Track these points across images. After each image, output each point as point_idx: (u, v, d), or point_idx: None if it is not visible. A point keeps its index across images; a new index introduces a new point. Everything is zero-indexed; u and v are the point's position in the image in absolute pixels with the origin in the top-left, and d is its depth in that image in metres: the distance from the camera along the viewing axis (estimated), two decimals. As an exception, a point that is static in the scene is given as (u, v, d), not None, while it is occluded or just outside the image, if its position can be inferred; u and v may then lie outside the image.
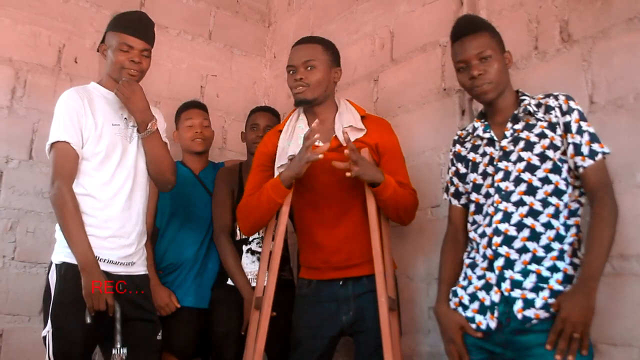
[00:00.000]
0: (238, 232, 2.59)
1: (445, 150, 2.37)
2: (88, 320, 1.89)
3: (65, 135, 2.02)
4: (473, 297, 1.75)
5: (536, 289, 1.63)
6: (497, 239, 1.71)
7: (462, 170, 1.91)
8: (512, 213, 1.70)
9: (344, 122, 2.12)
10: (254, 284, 2.47)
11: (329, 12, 3.17)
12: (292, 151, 2.09)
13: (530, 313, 1.62)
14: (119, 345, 1.91)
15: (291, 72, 2.14)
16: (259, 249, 2.56)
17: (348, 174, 1.95)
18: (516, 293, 1.64)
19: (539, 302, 1.61)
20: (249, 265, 2.54)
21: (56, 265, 1.99)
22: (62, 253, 1.99)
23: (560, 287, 1.61)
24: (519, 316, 1.62)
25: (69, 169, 2.01)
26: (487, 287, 1.72)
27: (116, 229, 2.06)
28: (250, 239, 2.57)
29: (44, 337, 1.95)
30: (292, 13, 3.49)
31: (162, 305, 2.47)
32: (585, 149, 1.66)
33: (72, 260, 1.95)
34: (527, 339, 1.62)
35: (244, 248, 2.57)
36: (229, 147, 3.30)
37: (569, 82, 1.99)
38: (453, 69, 2.39)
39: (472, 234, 1.82)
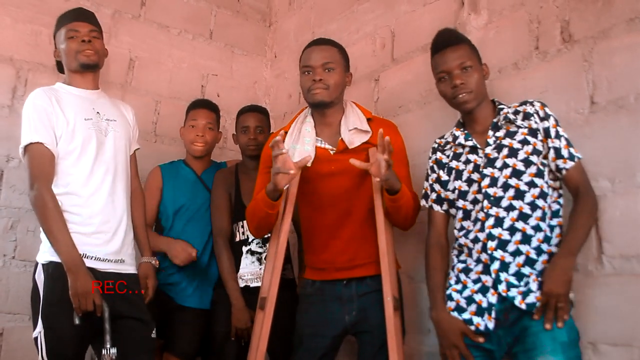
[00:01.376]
0: (238, 233, 2.59)
1: (446, 150, 2.37)
2: (77, 321, 1.88)
3: (37, 136, 2.01)
4: (470, 300, 1.80)
5: (523, 277, 1.72)
6: (491, 244, 1.77)
7: (444, 177, 1.96)
8: (504, 218, 1.77)
9: (349, 125, 2.11)
10: (254, 284, 2.48)
11: (330, 12, 3.17)
12: (299, 156, 2.07)
13: (531, 299, 1.69)
14: (108, 346, 1.90)
15: (307, 72, 2.11)
16: (259, 250, 2.56)
17: (377, 179, 1.92)
18: (513, 292, 1.71)
19: (534, 286, 1.70)
20: (249, 265, 2.54)
21: (43, 264, 1.98)
22: (47, 252, 1.98)
23: None
24: (523, 307, 1.69)
25: (46, 169, 2.00)
26: (483, 290, 1.78)
27: (100, 224, 2.05)
28: (250, 239, 2.58)
29: (35, 338, 1.93)
30: (293, 13, 3.49)
31: (176, 255, 2.45)
32: (565, 152, 1.76)
33: (58, 259, 1.93)
34: (523, 322, 1.70)
35: (244, 249, 2.57)
36: (230, 146, 3.30)
37: (569, 82, 1.99)
38: (454, 68, 2.41)
39: (462, 240, 1.86)
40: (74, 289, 1.88)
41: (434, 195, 2.00)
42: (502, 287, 1.73)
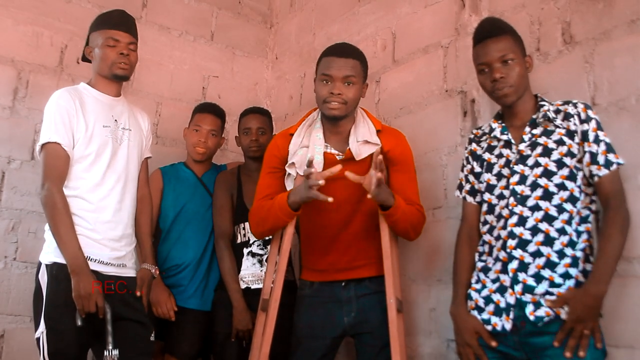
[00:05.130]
0: (239, 235, 2.60)
1: (447, 152, 2.38)
2: (79, 322, 1.89)
3: (56, 136, 2.02)
4: (488, 300, 1.77)
5: (546, 294, 1.66)
6: (511, 242, 1.73)
7: (477, 169, 1.93)
8: (528, 217, 1.73)
9: (358, 136, 2.09)
10: (254, 286, 2.48)
11: (331, 14, 3.17)
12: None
13: (541, 312, 1.65)
14: (110, 347, 1.91)
15: (326, 81, 2.05)
16: (260, 252, 2.56)
17: (369, 195, 1.92)
18: (527, 297, 1.68)
19: (551, 298, 1.65)
20: (250, 267, 2.54)
21: (46, 265, 1.99)
22: (52, 253, 1.98)
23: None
24: (532, 318, 1.65)
25: (60, 170, 2.01)
26: (501, 290, 1.75)
27: (107, 231, 2.07)
28: (251, 241, 2.58)
29: (38, 339, 1.94)
30: (294, 14, 3.49)
31: (160, 302, 2.45)
32: (601, 158, 1.69)
33: (63, 260, 1.94)
34: (541, 340, 1.65)
35: (245, 251, 2.57)
36: (231, 148, 3.30)
37: (571, 83, 1.99)
38: (455, 70, 2.41)
39: (486, 237, 1.84)
40: (77, 290, 1.89)
41: (467, 187, 1.96)
42: (517, 289, 1.69)
